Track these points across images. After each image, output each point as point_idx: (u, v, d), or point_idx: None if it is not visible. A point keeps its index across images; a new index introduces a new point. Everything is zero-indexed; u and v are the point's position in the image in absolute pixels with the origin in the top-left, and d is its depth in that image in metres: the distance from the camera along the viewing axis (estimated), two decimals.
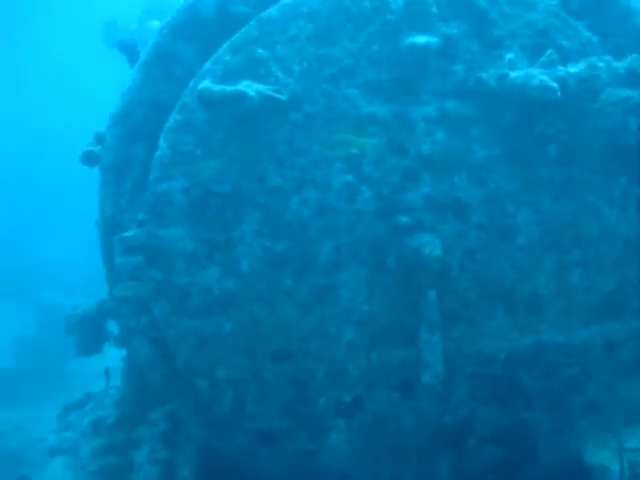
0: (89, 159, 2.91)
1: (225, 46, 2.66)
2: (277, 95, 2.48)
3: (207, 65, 2.67)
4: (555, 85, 2.46)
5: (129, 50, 3.09)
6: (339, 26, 2.60)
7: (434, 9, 2.56)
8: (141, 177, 2.82)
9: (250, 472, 3.10)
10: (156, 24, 3.17)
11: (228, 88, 2.45)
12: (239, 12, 2.70)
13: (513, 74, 2.50)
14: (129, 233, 2.68)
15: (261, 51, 2.61)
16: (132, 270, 2.67)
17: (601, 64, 2.53)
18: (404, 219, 2.61)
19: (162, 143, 2.67)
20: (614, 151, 2.68)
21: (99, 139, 2.92)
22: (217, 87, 2.45)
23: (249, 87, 2.45)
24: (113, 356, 3.55)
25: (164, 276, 2.72)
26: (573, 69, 2.52)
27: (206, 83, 2.47)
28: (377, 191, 2.61)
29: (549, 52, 2.56)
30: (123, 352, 3.22)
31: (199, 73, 2.66)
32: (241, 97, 2.42)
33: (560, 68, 2.52)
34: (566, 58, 2.61)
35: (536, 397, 2.87)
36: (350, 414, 2.85)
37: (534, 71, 2.50)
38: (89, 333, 3.28)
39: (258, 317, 2.73)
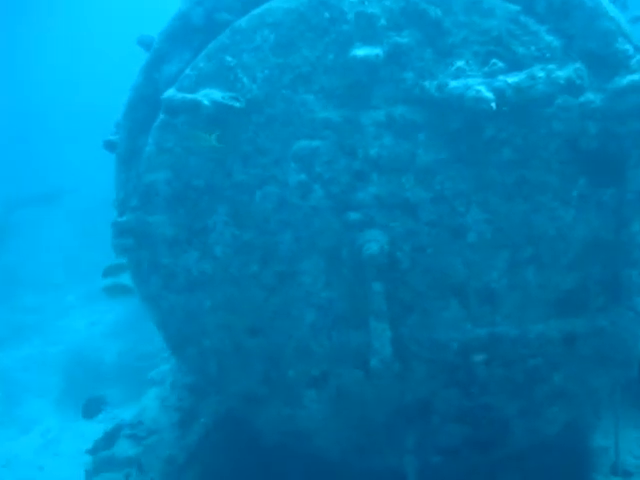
0: (109, 147, 3.32)
1: (202, 53, 2.94)
2: (232, 103, 2.74)
3: (187, 70, 2.96)
4: (490, 96, 2.54)
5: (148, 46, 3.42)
6: (300, 36, 2.80)
7: (382, 21, 2.69)
8: None
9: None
10: None
11: (187, 97, 2.74)
12: (224, 20, 2.95)
13: (452, 84, 2.61)
14: (122, 218, 3.08)
15: (230, 59, 2.87)
16: (124, 250, 3.08)
17: (541, 74, 2.57)
18: (355, 215, 2.82)
19: (150, 139, 3.02)
20: (573, 154, 2.72)
21: (118, 128, 3.31)
22: (178, 95, 2.75)
23: (205, 96, 2.72)
24: None
25: (152, 256, 3.11)
26: (512, 79, 2.58)
27: (170, 91, 2.77)
28: (328, 190, 2.83)
29: (493, 61, 2.62)
30: None
31: (180, 77, 2.97)
32: (197, 105, 2.71)
33: (500, 78, 2.59)
34: (521, 64, 2.66)
35: (496, 384, 3.03)
36: (319, 386, 3.15)
37: (472, 81, 2.59)
38: None
39: (232, 296, 3.07)
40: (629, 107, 2.62)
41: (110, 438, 4.75)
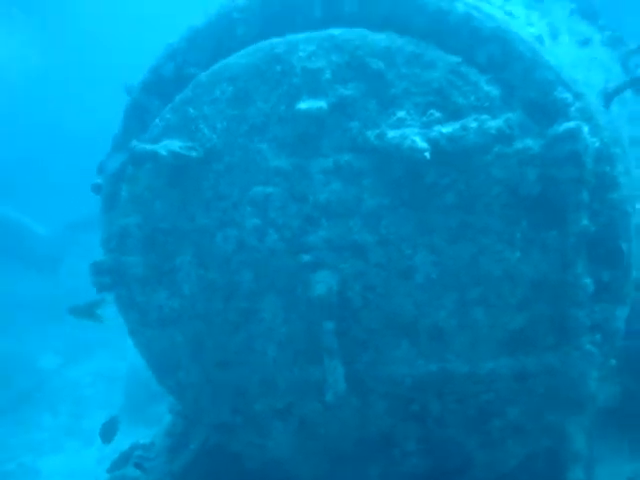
0: (96, 190, 3.55)
1: (169, 105, 3.15)
2: (189, 153, 2.93)
3: (156, 121, 3.17)
4: (424, 146, 2.66)
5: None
6: (254, 89, 2.97)
7: (328, 75, 2.84)
8: None
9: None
10: None
11: (148, 147, 2.95)
12: (191, 73, 3.16)
13: (391, 133, 2.74)
14: (100, 258, 3.29)
15: (192, 110, 3.06)
16: (101, 287, 3.30)
17: (473, 124, 2.68)
18: (307, 257, 2.97)
19: (123, 186, 3.24)
20: (514, 198, 2.81)
21: (100, 172, 3.54)
22: (140, 146, 2.96)
23: (164, 147, 2.92)
24: None
25: (128, 294, 3.32)
26: (446, 129, 2.69)
27: (134, 142, 2.98)
28: (281, 233, 2.98)
29: (430, 112, 2.75)
30: None
31: (149, 127, 3.18)
32: (155, 155, 2.91)
33: (435, 128, 2.71)
34: (460, 114, 2.78)
35: (451, 418, 3.13)
36: (284, 418, 3.30)
37: (409, 131, 2.72)
38: None
39: (200, 332, 3.25)
40: (566, 154, 2.70)
41: (126, 458, 4.97)
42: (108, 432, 5.32)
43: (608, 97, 3.09)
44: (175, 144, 2.96)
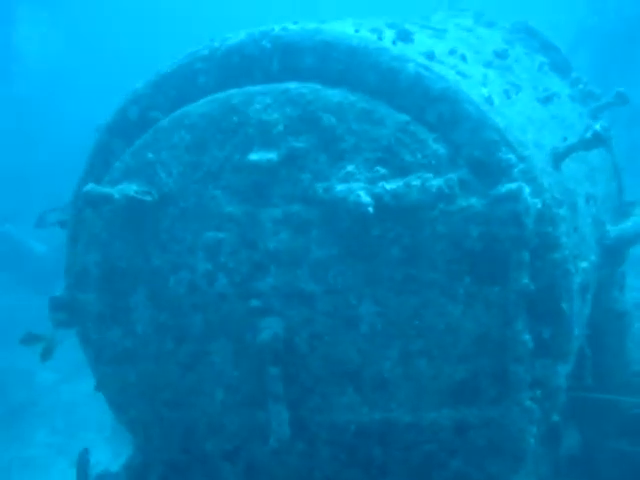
0: (62, 225, 3.63)
1: (130, 148, 3.23)
2: (143, 197, 3.01)
3: (116, 163, 3.26)
4: (368, 201, 2.74)
5: None
6: (211, 137, 3.06)
7: (280, 127, 2.93)
8: None
9: None
10: None
11: (102, 190, 3.03)
12: (154, 117, 3.25)
13: (338, 187, 2.81)
14: (57, 294, 3.36)
15: (150, 155, 3.15)
16: (58, 323, 3.36)
17: (416, 182, 2.76)
18: (255, 303, 3.03)
19: (83, 225, 3.32)
20: (458, 253, 2.88)
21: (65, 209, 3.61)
22: (95, 189, 3.04)
23: (120, 190, 3.00)
24: None
25: (83, 331, 3.38)
26: (390, 186, 2.77)
27: (89, 186, 3.06)
28: (231, 278, 3.05)
29: (376, 169, 2.83)
30: None
31: (110, 170, 3.26)
32: (109, 199, 2.99)
33: (379, 184, 2.79)
34: (407, 171, 2.85)
35: (395, 466, 3.16)
36: (232, 460, 3.34)
37: (356, 186, 2.79)
38: None
39: (152, 371, 3.30)
40: (507, 214, 2.77)
41: None
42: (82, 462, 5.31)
43: (558, 157, 3.17)
44: (131, 188, 3.04)
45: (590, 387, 3.70)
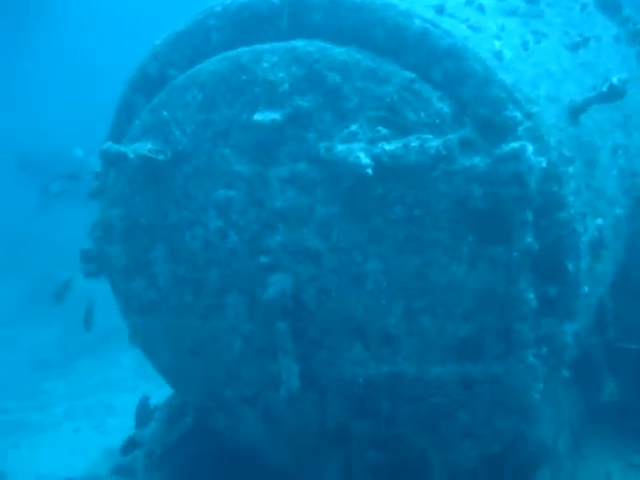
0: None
1: (147, 107, 3.32)
2: (155, 156, 3.11)
3: (135, 121, 3.36)
4: (368, 162, 2.76)
5: None
6: (221, 95, 3.11)
7: (286, 86, 2.95)
8: None
9: None
10: None
11: (119, 149, 3.14)
12: (172, 75, 3.32)
13: (339, 147, 2.83)
14: (87, 246, 3.54)
15: (165, 113, 3.23)
16: (88, 274, 3.55)
17: (414, 143, 2.75)
18: (265, 259, 3.12)
19: (108, 180, 3.46)
20: (462, 213, 2.88)
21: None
22: (113, 147, 3.15)
23: (134, 150, 3.11)
24: None
25: (112, 281, 3.56)
26: (389, 146, 2.77)
27: (107, 144, 3.17)
28: (241, 236, 3.14)
29: (377, 129, 2.83)
30: None
31: (131, 126, 3.37)
32: (124, 157, 3.10)
33: (379, 145, 2.79)
34: (410, 130, 2.84)
35: (403, 418, 3.26)
36: (252, 404, 3.50)
37: (356, 146, 2.80)
38: None
39: (174, 321, 3.47)
40: (510, 173, 2.74)
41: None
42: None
43: (575, 111, 3.08)
44: (145, 147, 3.14)
45: (612, 339, 3.65)
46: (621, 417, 4.44)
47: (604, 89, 2.97)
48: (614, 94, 2.98)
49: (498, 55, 2.90)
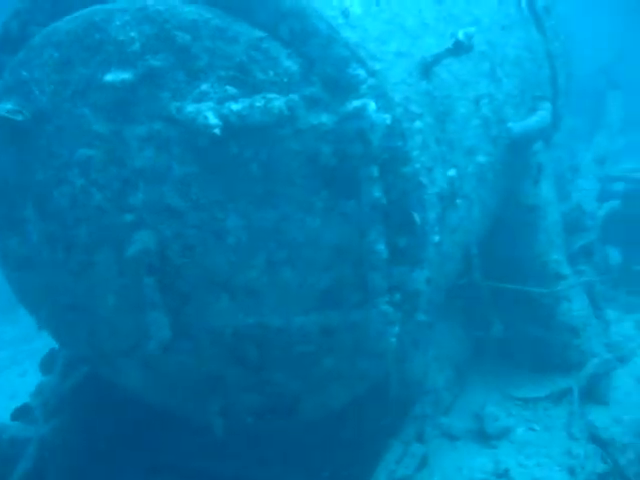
0: None
1: (8, 66, 3.30)
2: (13, 117, 3.12)
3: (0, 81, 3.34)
4: (216, 122, 2.82)
5: None
6: (76, 54, 3.11)
7: (137, 46, 2.96)
8: None
9: None
10: None
11: None
12: (32, 32, 3.30)
13: (188, 107, 2.88)
14: None
15: (25, 73, 3.22)
16: None
17: (259, 103, 2.81)
18: (129, 217, 3.19)
19: None
20: (314, 169, 2.97)
21: None
22: None
23: None
24: None
25: None
26: (236, 106, 2.83)
27: None
28: (104, 194, 3.20)
29: (225, 88, 2.88)
30: None
31: None
32: None
33: (226, 105, 2.85)
34: (260, 89, 2.90)
35: (272, 364, 3.41)
36: (130, 356, 3.62)
37: (204, 106, 2.86)
38: None
39: (50, 278, 3.53)
40: (354, 130, 2.83)
41: None
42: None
43: (427, 66, 3.16)
44: (4, 107, 3.14)
45: (479, 281, 3.84)
46: (504, 353, 4.68)
47: (449, 45, 3.06)
48: (460, 49, 3.07)
49: (345, 12, 2.95)
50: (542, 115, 4.01)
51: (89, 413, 4.24)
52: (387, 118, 2.86)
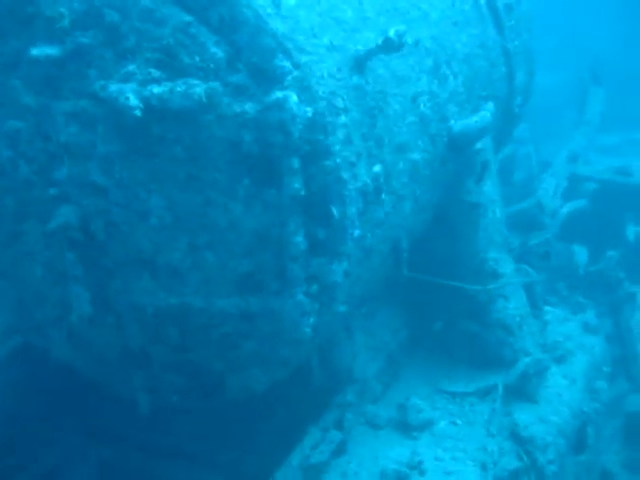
0: None
1: None
2: None
3: None
4: (136, 103, 2.83)
5: None
6: (9, 27, 3.11)
7: (66, 21, 2.97)
8: None
9: None
10: None
11: None
12: None
13: (112, 87, 2.90)
14: None
15: None
16: None
17: (180, 88, 2.83)
18: (53, 191, 3.22)
19: None
20: (237, 156, 3.00)
21: None
22: None
23: None
24: None
25: None
26: (157, 89, 2.85)
27: None
28: (30, 166, 3.22)
29: (148, 70, 2.89)
30: None
31: None
32: None
33: (148, 87, 2.86)
34: (186, 74, 2.91)
35: (194, 345, 3.46)
36: (57, 326, 3.66)
37: (127, 87, 2.87)
38: None
39: None
40: (275, 121, 2.85)
41: None
42: None
43: (360, 61, 3.18)
44: None
45: (405, 276, 3.86)
46: (443, 347, 4.73)
47: (379, 42, 3.07)
48: (390, 47, 3.09)
49: (276, 2, 2.96)
50: (482, 115, 4.02)
51: (26, 381, 4.28)
52: (309, 111, 2.88)
